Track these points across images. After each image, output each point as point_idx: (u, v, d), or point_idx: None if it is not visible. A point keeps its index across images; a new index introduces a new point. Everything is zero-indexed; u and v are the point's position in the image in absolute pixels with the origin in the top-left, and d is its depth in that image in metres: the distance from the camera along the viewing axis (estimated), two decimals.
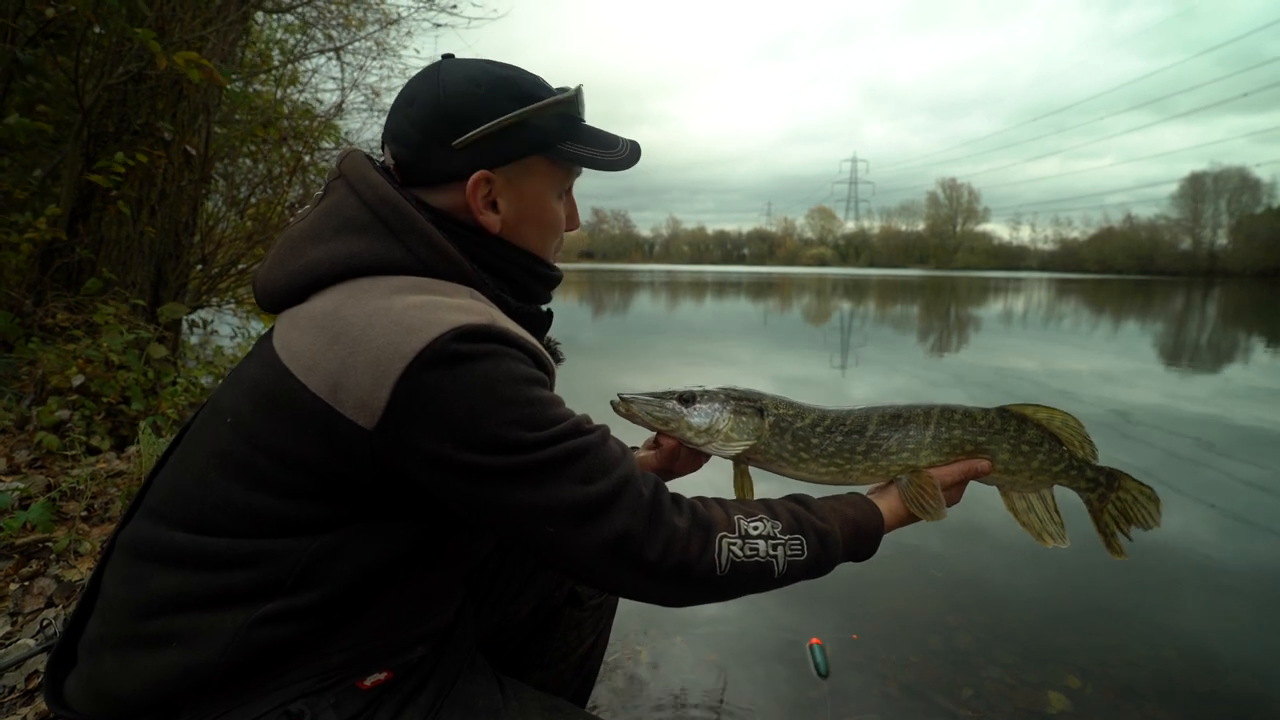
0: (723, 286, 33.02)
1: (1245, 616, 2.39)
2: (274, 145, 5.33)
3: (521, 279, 0.93)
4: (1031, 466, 1.04)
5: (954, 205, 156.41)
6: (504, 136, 0.86)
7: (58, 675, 0.83)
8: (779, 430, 0.99)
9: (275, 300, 0.85)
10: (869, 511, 0.95)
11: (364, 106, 6.36)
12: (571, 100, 0.91)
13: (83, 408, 2.76)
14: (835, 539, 0.88)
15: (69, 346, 3.00)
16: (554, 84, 0.95)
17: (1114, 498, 1.07)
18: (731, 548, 0.81)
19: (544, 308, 0.99)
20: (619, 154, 0.96)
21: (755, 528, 0.83)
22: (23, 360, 3.10)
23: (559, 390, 0.86)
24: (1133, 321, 15.90)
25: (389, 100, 6.42)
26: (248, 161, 5.71)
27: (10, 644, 1.64)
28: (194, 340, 5.12)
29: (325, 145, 6.07)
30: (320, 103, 6.15)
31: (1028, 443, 1.03)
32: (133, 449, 2.71)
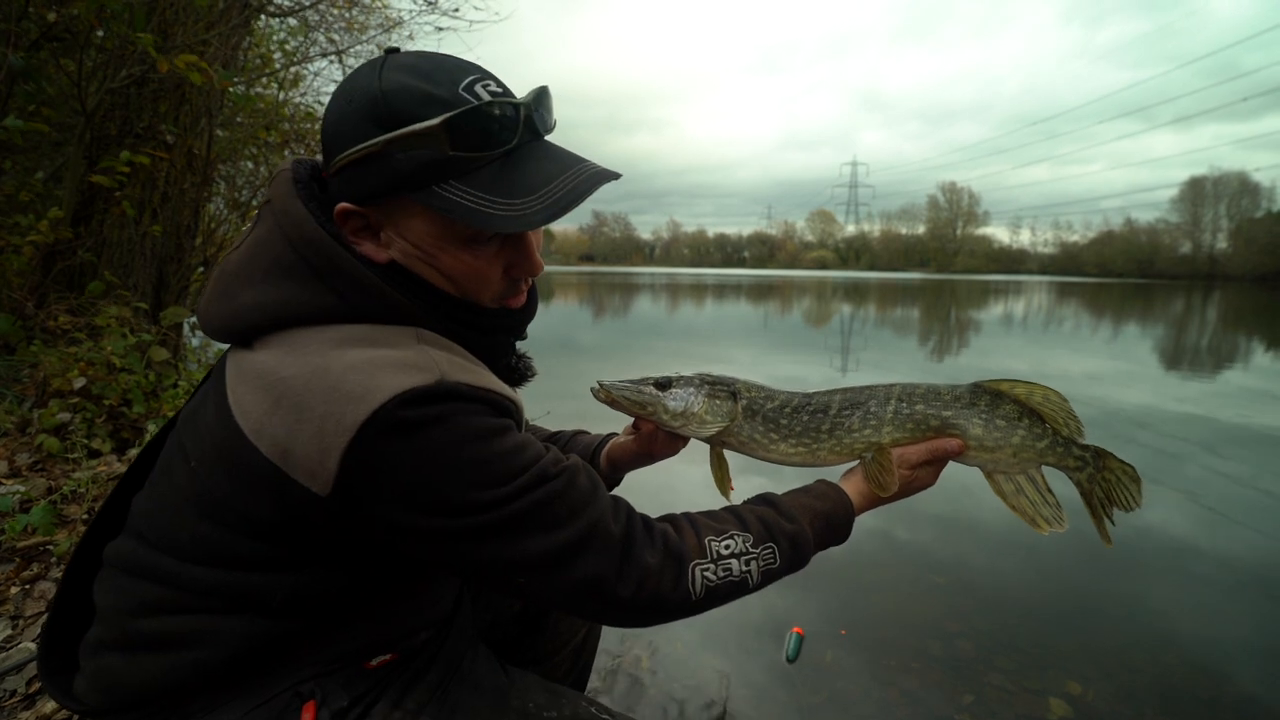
0: (723, 289, 33.02)
1: (1239, 615, 2.39)
2: (275, 148, 5.34)
3: (454, 310, 0.80)
4: (1012, 443, 1.00)
5: (954, 209, 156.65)
6: (360, 170, 0.73)
7: (58, 676, 0.84)
8: (750, 413, 1.02)
9: (215, 336, 0.81)
10: (837, 500, 0.95)
11: None
12: (436, 131, 0.70)
13: (84, 410, 2.76)
14: (805, 538, 0.89)
15: (71, 349, 3.00)
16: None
17: (1100, 478, 1.03)
18: (705, 574, 0.80)
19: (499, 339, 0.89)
20: (529, 204, 0.72)
21: (727, 546, 0.83)
22: (25, 363, 3.11)
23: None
24: (1132, 325, 15.90)
25: None
26: (249, 164, 5.72)
27: (11, 648, 1.64)
28: (195, 343, 5.11)
29: None
30: (322, 105, 6.16)
31: (1003, 418, 1.00)
32: (134, 452, 2.71)
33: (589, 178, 0.76)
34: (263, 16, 4.92)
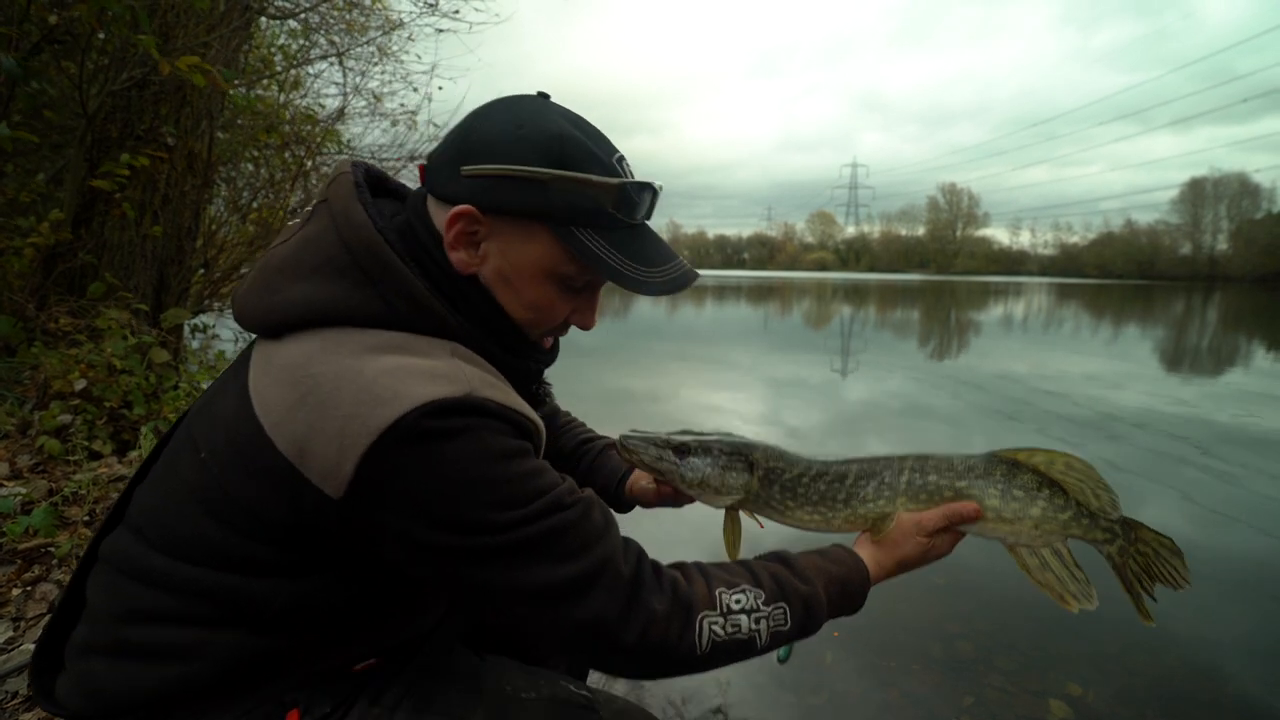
0: (723, 291, 33.01)
1: (1238, 616, 2.39)
2: (276, 150, 5.34)
3: (500, 332, 0.84)
4: (1031, 515, 0.96)
5: (954, 210, 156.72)
6: (512, 185, 0.77)
7: (44, 675, 0.83)
8: (767, 482, 1.01)
9: (251, 328, 0.81)
10: (853, 566, 0.93)
11: (366, 112, 6.38)
12: (610, 189, 0.79)
13: (85, 412, 2.76)
14: (819, 601, 0.86)
15: (71, 351, 3.00)
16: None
17: (1133, 551, 0.97)
18: (713, 627, 0.79)
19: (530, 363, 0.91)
20: (648, 274, 0.82)
21: (738, 601, 0.81)
22: (25, 365, 3.11)
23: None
24: (1132, 326, 15.90)
25: (390, 105, 6.44)
26: (250, 166, 5.72)
27: (13, 649, 1.64)
28: (195, 345, 5.12)
29: (328, 150, 6.09)
30: (323, 107, 6.18)
31: (1020, 488, 0.96)
32: (134, 454, 2.71)
33: (687, 271, 0.87)
34: (263, 19, 4.93)
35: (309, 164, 5.47)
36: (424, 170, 0.84)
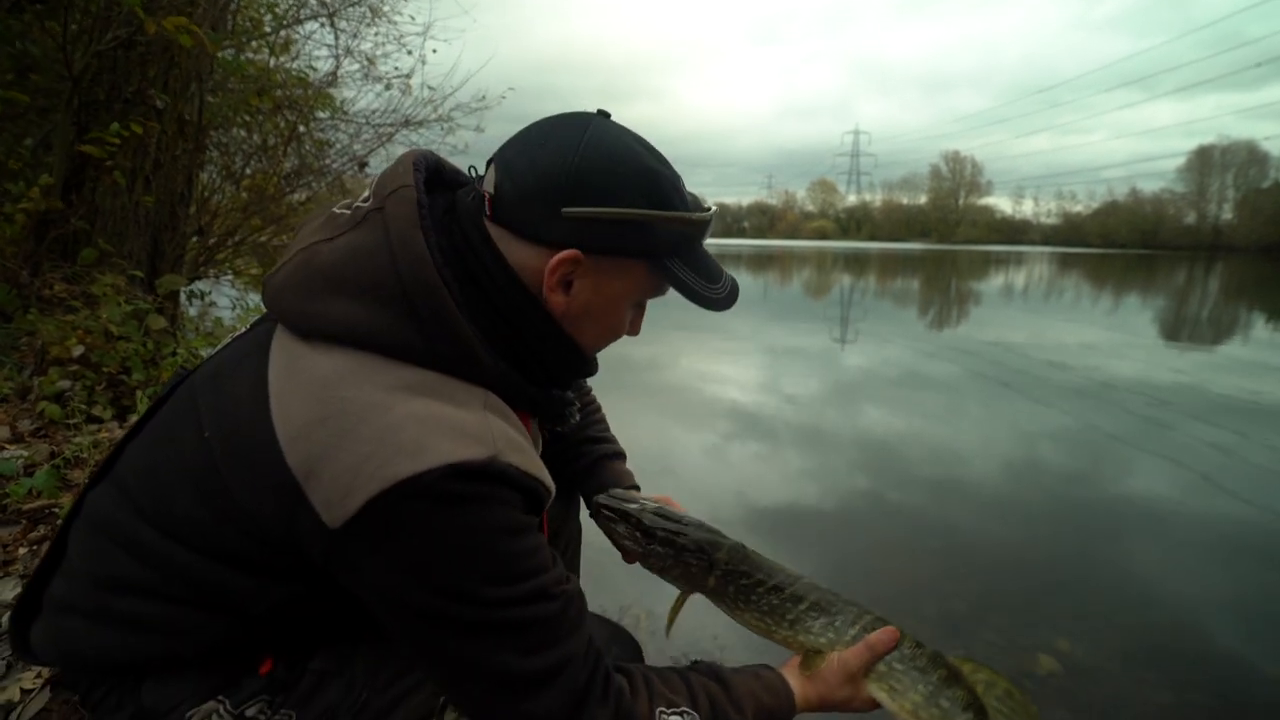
0: (722, 259, 32.51)
1: (1222, 576, 2.44)
2: (268, 114, 5.25)
3: (555, 367, 0.87)
4: None
5: (957, 178, 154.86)
6: (618, 228, 0.78)
7: (21, 622, 0.83)
8: (725, 581, 1.03)
9: (281, 320, 0.77)
10: (785, 700, 0.93)
11: (359, 75, 6.25)
12: (703, 223, 0.85)
13: (84, 378, 2.76)
14: None
15: (68, 318, 2.99)
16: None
17: None
18: None
19: (563, 392, 0.93)
20: (718, 291, 0.88)
21: None
22: (22, 331, 3.10)
23: None
24: (1133, 296, 15.87)
25: (384, 68, 6.30)
26: (242, 132, 5.63)
27: None
28: (193, 312, 5.10)
29: (320, 115, 5.98)
30: (315, 70, 6.04)
31: (949, 700, 0.92)
32: (134, 418, 2.72)
33: (734, 281, 0.93)
34: None
35: (301, 129, 5.38)
36: (492, 201, 0.79)
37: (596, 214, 0.76)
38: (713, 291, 0.87)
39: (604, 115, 0.84)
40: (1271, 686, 1.86)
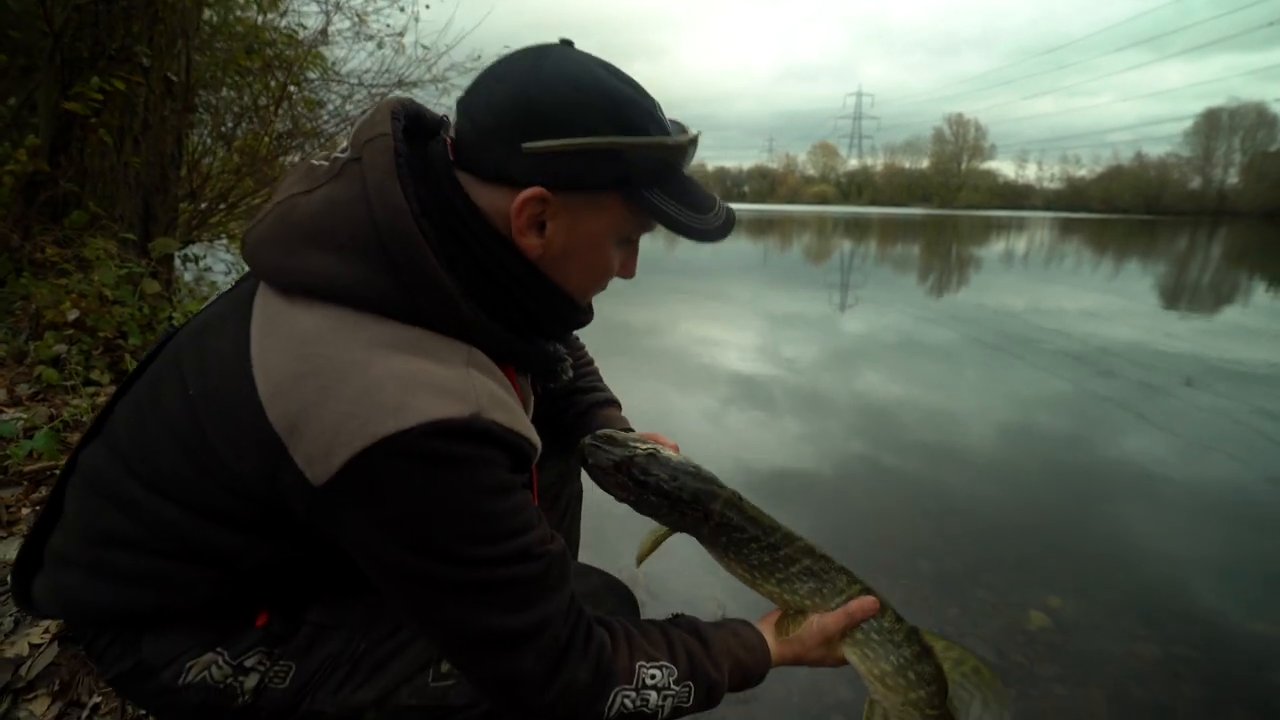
0: None
1: (1210, 536, 2.48)
2: (258, 74, 5.12)
3: (542, 317, 0.83)
4: (909, 698, 0.95)
5: (960, 141, 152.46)
6: (585, 159, 0.72)
7: (23, 575, 0.84)
8: (717, 531, 1.01)
9: (261, 276, 0.76)
10: (761, 656, 0.94)
11: (350, 34, 6.07)
12: (681, 147, 0.78)
13: (80, 342, 2.75)
14: (722, 689, 0.88)
15: (61, 281, 2.96)
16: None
17: None
18: (625, 700, 0.79)
19: (553, 346, 0.89)
20: (708, 221, 0.81)
21: (653, 676, 0.82)
22: (15, 295, 3.08)
23: None
24: (1134, 262, 15.79)
25: (376, 26, 6.13)
26: (231, 92, 5.49)
27: None
28: (189, 277, 5.06)
29: (311, 76, 5.83)
30: (304, 28, 5.87)
31: (916, 673, 0.95)
32: None
33: (729, 211, 0.86)
34: None
35: (293, 89, 5.25)
36: (454, 145, 0.77)
37: (558, 146, 0.71)
38: (701, 222, 0.80)
39: (567, 44, 0.78)
40: (1253, 640, 1.91)
